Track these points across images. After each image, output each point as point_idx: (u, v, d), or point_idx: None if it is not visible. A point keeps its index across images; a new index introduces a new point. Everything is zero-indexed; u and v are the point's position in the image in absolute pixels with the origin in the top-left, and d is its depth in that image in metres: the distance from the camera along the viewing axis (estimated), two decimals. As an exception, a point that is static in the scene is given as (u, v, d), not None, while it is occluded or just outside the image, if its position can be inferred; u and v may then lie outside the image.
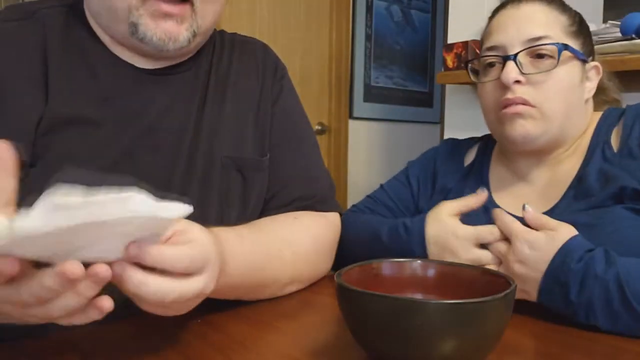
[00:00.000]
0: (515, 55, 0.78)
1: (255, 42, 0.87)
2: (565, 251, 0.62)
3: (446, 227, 0.72)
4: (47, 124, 0.64)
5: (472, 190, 0.89)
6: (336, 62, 2.78)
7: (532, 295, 0.64)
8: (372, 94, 3.00)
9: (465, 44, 1.89)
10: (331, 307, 0.69)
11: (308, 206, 0.80)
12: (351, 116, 2.90)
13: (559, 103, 0.78)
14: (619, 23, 1.50)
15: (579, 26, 0.83)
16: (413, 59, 3.21)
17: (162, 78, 0.73)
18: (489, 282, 0.52)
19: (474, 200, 0.75)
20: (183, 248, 0.46)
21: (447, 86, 2.15)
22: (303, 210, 0.79)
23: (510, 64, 0.78)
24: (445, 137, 1.14)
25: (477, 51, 1.90)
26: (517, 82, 0.78)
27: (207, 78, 0.77)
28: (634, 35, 1.46)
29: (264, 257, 0.67)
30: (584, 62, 0.81)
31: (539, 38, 0.78)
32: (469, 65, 0.89)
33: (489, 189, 0.88)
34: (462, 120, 2.07)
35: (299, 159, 0.83)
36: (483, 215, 0.82)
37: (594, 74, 0.84)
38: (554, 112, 0.78)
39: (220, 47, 0.82)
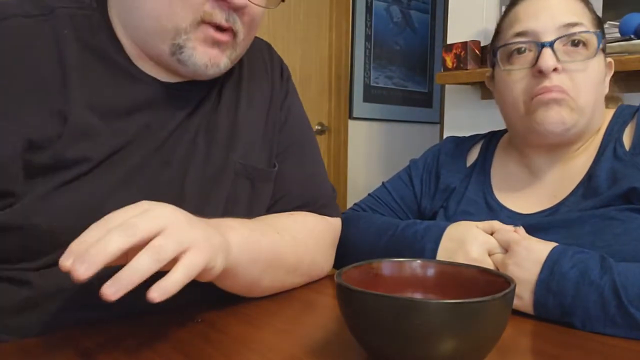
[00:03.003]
0: (553, 42, 0.75)
1: (260, 41, 0.85)
2: (556, 254, 0.63)
3: (469, 229, 0.72)
4: (66, 131, 0.61)
5: (475, 187, 0.89)
6: (336, 63, 2.78)
7: (526, 300, 0.64)
8: (372, 94, 3.00)
9: (464, 44, 1.90)
10: (331, 307, 0.69)
11: (311, 212, 0.80)
12: (351, 116, 2.90)
13: (591, 95, 0.77)
14: (617, 23, 1.51)
15: (599, 22, 0.82)
16: (412, 59, 3.21)
17: (182, 93, 0.71)
18: (488, 282, 0.52)
19: (498, 225, 0.73)
20: None
21: (447, 86, 2.15)
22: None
23: (548, 51, 0.75)
24: (445, 137, 1.14)
25: (477, 51, 1.90)
26: (554, 70, 0.75)
27: (222, 83, 0.76)
28: (632, 36, 1.46)
29: (266, 239, 0.68)
30: (605, 57, 0.81)
31: (575, 24, 0.76)
32: (497, 51, 0.83)
33: (490, 187, 0.88)
34: (462, 120, 2.07)
35: (303, 165, 0.82)
36: (486, 215, 0.82)
37: (609, 71, 0.83)
38: (587, 105, 0.77)
39: None
